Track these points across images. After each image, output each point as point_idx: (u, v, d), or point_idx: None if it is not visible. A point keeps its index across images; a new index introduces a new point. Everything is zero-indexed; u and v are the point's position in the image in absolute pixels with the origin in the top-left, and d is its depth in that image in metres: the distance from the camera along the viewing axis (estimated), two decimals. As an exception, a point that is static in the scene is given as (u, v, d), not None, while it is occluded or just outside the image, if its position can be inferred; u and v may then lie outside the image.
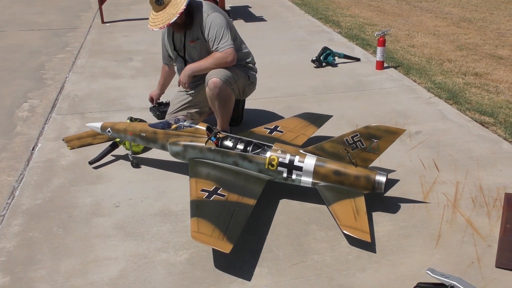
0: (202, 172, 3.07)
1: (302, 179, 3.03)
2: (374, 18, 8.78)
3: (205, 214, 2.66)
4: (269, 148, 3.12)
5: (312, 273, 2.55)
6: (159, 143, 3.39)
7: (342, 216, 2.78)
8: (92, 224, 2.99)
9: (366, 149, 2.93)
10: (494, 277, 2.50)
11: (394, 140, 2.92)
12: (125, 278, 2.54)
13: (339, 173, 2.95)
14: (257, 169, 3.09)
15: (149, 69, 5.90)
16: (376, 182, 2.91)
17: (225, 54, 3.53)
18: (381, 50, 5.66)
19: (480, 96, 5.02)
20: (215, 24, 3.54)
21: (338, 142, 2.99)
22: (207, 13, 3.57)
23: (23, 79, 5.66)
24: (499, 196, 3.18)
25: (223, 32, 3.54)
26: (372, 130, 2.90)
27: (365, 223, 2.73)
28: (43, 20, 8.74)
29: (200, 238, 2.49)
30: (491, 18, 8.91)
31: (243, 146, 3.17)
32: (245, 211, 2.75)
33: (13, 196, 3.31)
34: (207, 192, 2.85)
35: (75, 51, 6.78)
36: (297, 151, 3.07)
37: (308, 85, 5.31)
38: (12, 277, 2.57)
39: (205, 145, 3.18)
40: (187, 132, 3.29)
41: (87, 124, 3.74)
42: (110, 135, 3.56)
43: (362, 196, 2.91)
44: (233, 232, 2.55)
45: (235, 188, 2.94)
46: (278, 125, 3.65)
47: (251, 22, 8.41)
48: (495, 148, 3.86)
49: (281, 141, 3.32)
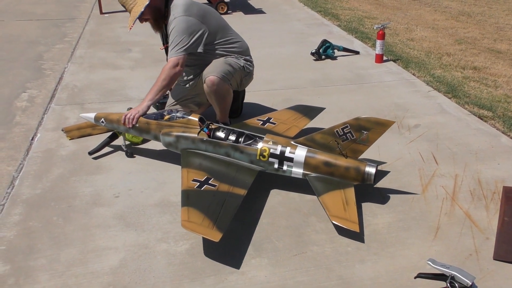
0: (194, 162, 3.10)
1: (293, 170, 3.05)
2: (373, 11, 8.77)
3: (195, 203, 2.68)
4: (261, 139, 3.14)
5: (311, 264, 2.57)
6: (152, 134, 3.39)
7: (331, 206, 2.81)
8: (92, 214, 3.00)
9: (356, 141, 2.96)
10: (492, 269, 2.52)
11: (383, 132, 2.95)
12: (125, 267, 2.55)
13: (329, 164, 2.97)
14: (249, 160, 3.11)
15: (148, 60, 5.89)
16: (365, 173, 2.93)
17: (171, 66, 3.41)
18: (380, 43, 5.66)
19: (479, 90, 5.03)
20: (174, 31, 3.46)
21: (329, 134, 3.01)
22: (174, 16, 3.49)
23: (21, 69, 5.63)
24: (497, 189, 3.20)
25: (180, 39, 3.43)
26: (362, 122, 2.93)
27: (354, 213, 2.76)
28: (41, 10, 8.69)
29: (190, 227, 2.52)
30: (489, 12, 8.92)
31: (235, 137, 3.19)
32: (235, 201, 2.77)
33: (13, 186, 3.31)
34: (198, 182, 2.87)
35: (73, 42, 6.75)
36: (288, 142, 3.08)
37: (307, 77, 5.31)
38: (12, 266, 2.57)
39: (197, 136, 3.20)
40: (179, 123, 3.30)
41: (81, 115, 3.75)
42: (104, 125, 3.56)
43: (352, 187, 2.94)
44: (223, 221, 2.57)
45: (226, 178, 2.96)
46: (270, 116, 3.66)
47: (250, 14, 8.38)
48: (494, 141, 3.87)
49: (273, 133, 3.33)
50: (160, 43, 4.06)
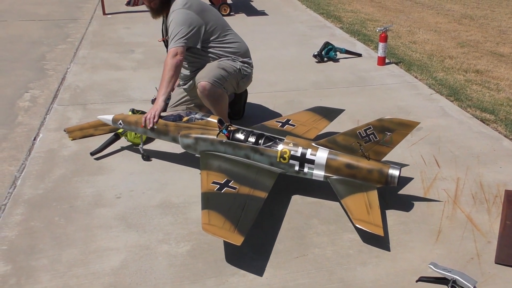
0: (213, 164, 3.06)
1: (314, 173, 3.01)
2: (375, 14, 8.77)
3: (216, 206, 2.64)
4: (281, 141, 3.10)
5: (312, 266, 2.57)
6: (170, 136, 3.36)
7: (354, 209, 2.76)
8: (93, 214, 3.00)
9: (379, 142, 2.91)
10: (494, 273, 2.51)
11: (407, 133, 2.90)
12: (126, 268, 2.55)
13: (351, 167, 2.93)
14: (269, 162, 3.08)
15: (151, 61, 5.89)
16: (389, 175, 2.88)
17: (171, 56, 3.43)
18: (382, 46, 5.66)
19: (481, 93, 5.03)
20: (173, 22, 3.49)
21: (351, 135, 2.96)
22: (173, 9, 3.53)
23: (24, 70, 5.64)
24: (499, 193, 3.20)
25: (178, 30, 3.46)
26: (386, 123, 2.88)
27: (378, 217, 2.71)
28: (44, 10, 8.70)
29: (211, 230, 2.48)
30: (492, 16, 8.91)
31: (255, 139, 3.14)
32: (256, 204, 2.74)
33: (15, 186, 3.31)
34: (218, 185, 2.84)
35: (76, 42, 6.76)
36: (309, 144, 3.05)
37: (310, 80, 5.31)
38: (14, 265, 2.57)
39: (216, 137, 3.17)
40: (198, 124, 3.27)
41: (98, 117, 3.71)
42: (122, 127, 3.54)
43: (375, 190, 2.88)
44: (244, 225, 2.54)
45: (247, 181, 2.92)
46: (289, 118, 3.62)
47: (253, 16, 8.39)
48: (496, 145, 3.87)
49: (293, 135, 3.30)
50: (161, 43, 4.07)
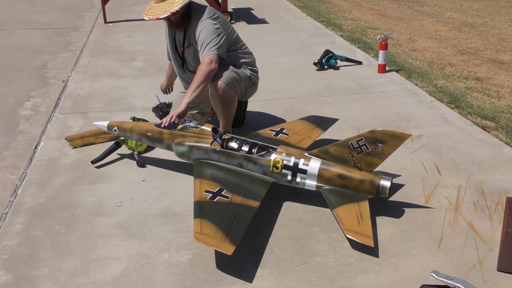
0: (206, 173, 3.07)
1: (307, 182, 3.03)
2: (375, 22, 8.80)
3: (208, 215, 2.66)
4: (274, 150, 3.12)
5: (314, 275, 2.56)
6: (165, 143, 3.39)
7: (345, 220, 2.78)
8: (94, 223, 3.00)
9: (371, 154, 2.93)
10: (496, 281, 2.51)
11: (399, 145, 2.91)
12: (127, 277, 2.54)
13: (343, 177, 2.95)
14: (262, 171, 3.09)
15: (152, 69, 5.91)
16: (380, 186, 2.90)
17: (206, 64, 3.44)
18: (383, 53, 5.68)
19: (481, 100, 5.03)
20: (204, 31, 3.51)
21: (343, 146, 2.98)
22: (202, 19, 3.55)
23: (25, 78, 5.66)
24: (501, 200, 3.19)
25: (210, 39, 3.49)
26: (378, 135, 2.89)
27: (369, 227, 2.73)
28: (46, 19, 8.75)
29: (202, 239, 2.50)
30: (492, 23, 8.94)
31: (248, 148, 3.16)
32: (248, 213, 2.74)
33: (16, 194, 3.31)
34: (211, 193, 2.85)
35: (77, 51, 6.79)
36: (302, 154, 3.06)
37: (310, 87, 5.32)
38: (14, 275, 2.57)
39: (210, 146, 3.19)
40: (192, 132, 3.29)
41: (94, 123, 3.74)
42: (117, 134, 3.56)
43: (366, 201, 2.90)
44: (236, 234, 2.55)
45: (239, 189, 2.93)
46: (283, 127, 3.64)
47: (254, 24, 8.42)
48: (497, 152, 3.87)
49: (286, 144, 3.32)
50: (164, 51, 4.11)
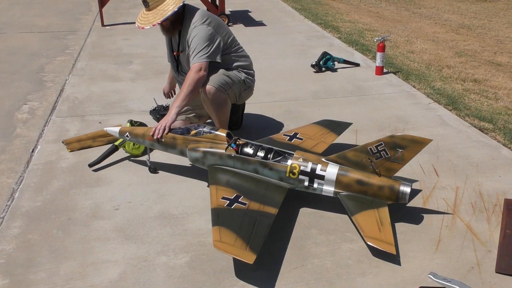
0: (222, 179, 3.02)
1: (324, 188, 2.98)
2: (373, 24, 8.81)
3: (227, 223, 2.60)
4: (290, 156, 3.07)
5: (312, 277, 2.55)
6: (178, 149, 3.33)
7: (366, 227, 2.72)
8: (91, 226, 2.99)
9: (391, 159, 2.87)
10: (494, 282, 2.50)
11: (419, 150, 2.84)
12: (124, 281, 2.53)
13: (362, 183, 2.90)
14: (278, 177, 3.04)
15: (149, 72, 5.91)
16: (400, 192, 2.85)
17: (195, 71, 3.43)
18: (380, 55, 5.68)
19: (479, 102, 5.04)
20: (196, 38, 3.49)
21: (362, 151, 2.93)
22: (195, 24, 3.53)
23: (23, 81, 5.65)
24: (499, 202, 3.19)
25: (202, 47, 3.48)
26: (397, 140, 2.84)
27: (390, 234, 2.68)
28: (43, 22, 8.74)
29: (222, 248, 2.44)
30: (489, 25, 8.96)
31: (264, 154, 3.11)
32: (267, 220, 2.69)
33: (13, 198, 3.30)
34: (228, 200, 2.80)
35: (75, 54, 6.78)
36: (319, 160, 3.01)
37: (308, 89, 5.32)
38: (11, 279, 2.56)
39: (225, 151, 3.13)
40: (206, 138, 3.24)
41: (105, 128, 3.69)
42: (129, 139, 3.52)
43: (386, 207, 2.85)
44: (256, 242, 2.50)
45: (256, 196, 2.88)
46: (297, 132, 3.59)
47: (251, 27, 8.42)
48: (494, 154, 3.87)
49: (302, 149, 3.26)
50: (162, 53, 4.08)
